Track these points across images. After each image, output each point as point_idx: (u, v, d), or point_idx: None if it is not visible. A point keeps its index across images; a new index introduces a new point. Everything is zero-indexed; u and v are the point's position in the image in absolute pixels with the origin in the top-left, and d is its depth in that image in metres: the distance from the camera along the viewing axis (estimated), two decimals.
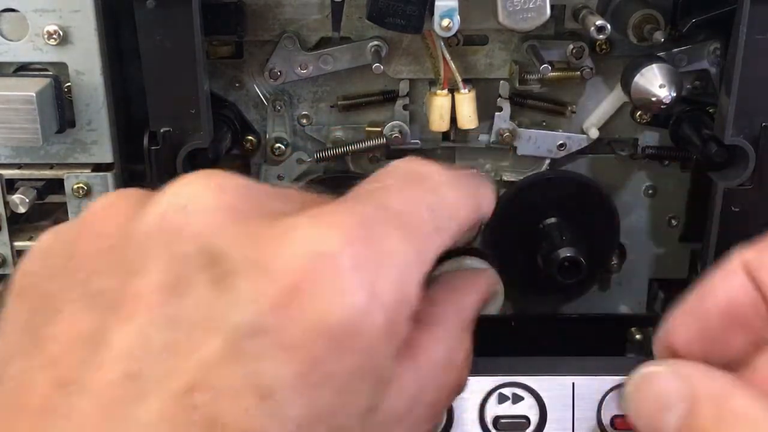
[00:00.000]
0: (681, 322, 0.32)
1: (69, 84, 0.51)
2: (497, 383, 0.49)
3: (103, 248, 0.29)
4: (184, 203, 0.29)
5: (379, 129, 0.61)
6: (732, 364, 0.31)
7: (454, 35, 0.54)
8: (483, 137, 0.62)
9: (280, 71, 0.59)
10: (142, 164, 0.53)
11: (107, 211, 0.31)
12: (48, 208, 0.56)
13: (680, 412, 0.29)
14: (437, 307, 0.34)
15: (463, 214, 0.34)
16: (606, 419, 0.47)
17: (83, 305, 0.27)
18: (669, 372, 0.31)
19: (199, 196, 0.29)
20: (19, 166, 0.54)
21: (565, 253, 0.59)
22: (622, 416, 0.47)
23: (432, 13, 0.51)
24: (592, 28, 0.53)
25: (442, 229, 0.31)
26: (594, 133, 0.62)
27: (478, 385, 0.49)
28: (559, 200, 0.63)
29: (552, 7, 0.50)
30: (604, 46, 0.59)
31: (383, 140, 0.61)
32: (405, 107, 0.61)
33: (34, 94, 0.48)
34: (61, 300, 0.28)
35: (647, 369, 0.31)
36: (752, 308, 0.31)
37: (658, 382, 0.31)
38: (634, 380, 0.31)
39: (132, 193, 0.32)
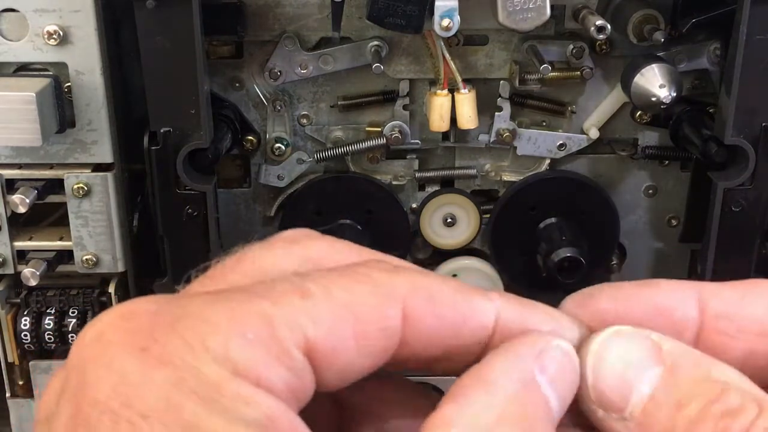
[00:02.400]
0: (606, 303, 0.29)
1: (69, 84, 0.51)
2: None
3: None
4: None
5: (379, 129, 0.61)
6: None
7: (454, 35, 0.54)
8: (483, 137, 0.62)
9: (280, 71, 0.59)
10: (142, 164, 0.53)
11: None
12: (48, 208, 0.56)
13: (654, 375, 0.27)
14: None
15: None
16: None
17: None
18: (638, 333, 0.28)
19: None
20: (19, 166, 0.54)
21: (565, 253, 0.59)
22: None
23: (432, 13, 0.51)
24: (592, 28, 0.53)
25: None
26: (594, 133, 0.62)
27: None
28: (559, 200, 0.63)
29: (552, 7, 0.50)
30: (604, 46, 0.59)
31: (383, 140, 0.61)
32: (405, 107, 0.61)
33: (34, 94, 0.48)
34: None
35: (611, 330, 0.28)
36: (680, 325, 0.29)
37: (627, 341, 0.27)
38: (595, 345, 0.28)
39: None
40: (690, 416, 0.26)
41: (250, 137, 0.61)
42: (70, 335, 0.57)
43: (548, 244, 0.60)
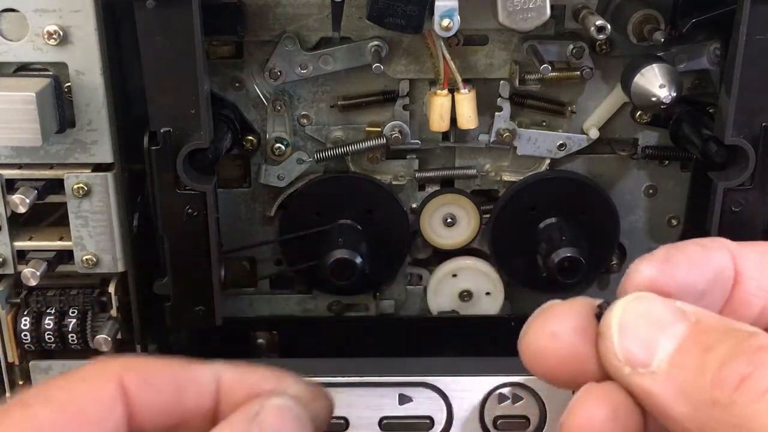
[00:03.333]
0: (687, 269, 0.30)
1: (69, 84, 0.51)
2: (497, 383, 0.49)
3: None
4: None
5: (379, 129, 0.61)
6: None
7: (454, 35, 0.54)
8: (483, 137, 0.62)
9: (280, 71, 0.59)
10: (142, 164, 0.53)
11: None
12: (48, 208, 0.56)
13: (680, 329, 0.28)
14: None
15: None
16: None
17: None
18: (660, 298, 0.29)
19: None
20: (19, 166, 0.54)
21: (565, 253, 0.59)
22: None
23: (432, 13, 0.51)
24: (592, 28, 0.53)
25: None
26: (594, 133, 0.62)
27: (478, 385, 0.49)
28: (559, 200, 0.63)
29: (552, 7, 0.50)
30: (604, 46, 0.59)
31: (383, 140, 0.61)
32: (405, 107, 0.61)
33: (34, 94, 0.48)
34: None
35: (635, 295, 0.29)
36: (727, 284, 0.31)
37: (651, 303, 0.29)
38: (619, 308, 0.29)
39: None
40: (720, 356, 0.26)
41: (250, 137, 0.61)
42: (70, 335, 0.57)
43: (548, 244, 0.61)
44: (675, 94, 0.54)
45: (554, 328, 0.30)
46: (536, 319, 0.31)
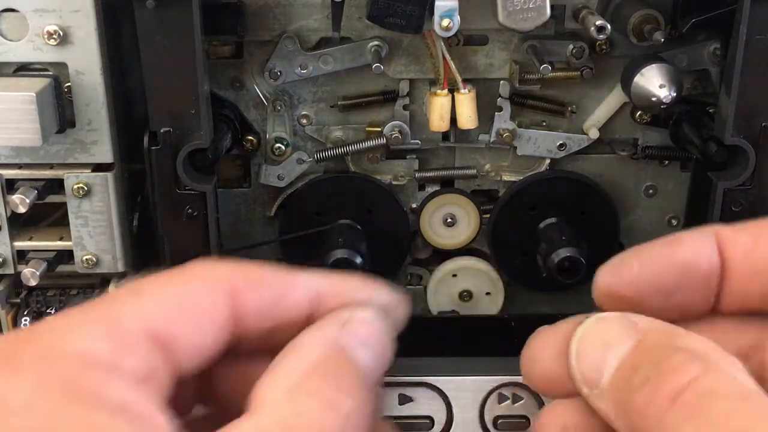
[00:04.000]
0: (638, 263, 0.32)
1: (69, 84, 0.51)
2: (497, 383, 0.49)
3: None
4: None
5: (379, 129, 0.61)
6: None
7: (454, 35, 0.54)
8: (483, 137, 0.62)
9: (280, 71, 0.59)
10: (142, 164, 0.53)
11: None
12: (48, 208, 0.56)
13: (624, 349, 0.29)
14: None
15: None
16: None
17: None
18: (618, 317, 0.31)
19: None
20: (19, 166, 0.54)
21: (565, 253, 0.59)
22: None
23: (432, 13, 0.51)
24: (592, 28, 0.53)
25: None
26: (594, 133, 0.62)
27: (478, 385, 0.49)
28: (559, 200, 0.63)
29: (552, 7, 0.50)
30: (604, 46, 0.59)
31: (383, 140, 0.61)
32: (405, 107, 0.61)
33: (34, 94, 0.48)
34: None
35: (593, 318, 0.31)
36: (707, 275, 0.32)
37: (606, 324, 0.31)
38: (579, 332, 0.31)
39: None
40: (641, 377, 0.28)
41: (250, 137, 0.61)
42: None
43: (548, 244, 0.60)
44: (675, 94, 0.54)
45: (536, 355, 0.33)
46: (526, 346, 0.34)
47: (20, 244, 0.55)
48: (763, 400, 0.26)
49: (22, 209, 0.52)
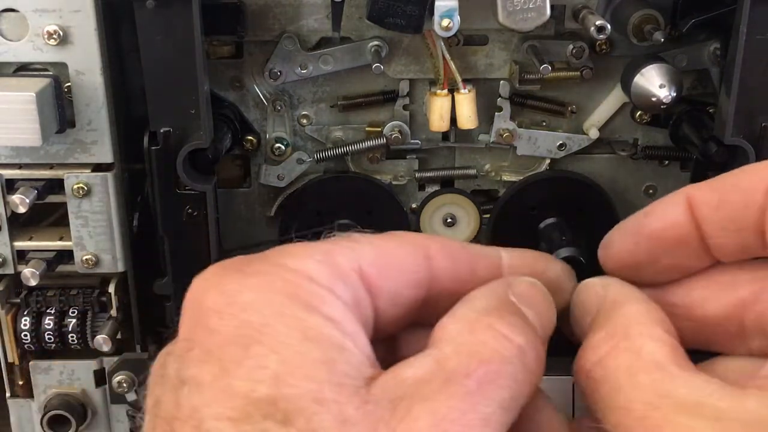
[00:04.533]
0: (619, 237, 0.36)
1: (69, 84, 0.51)
2: None
3: None
4: None
5: (379, 129, 0.61)
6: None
7: (454, 35, 0.54)
8: (483, 137, 0.62)
9: (280, 71, 0.59)
10: (142, 164, 0.53)
11: None
12: (48, 208, 0.56)
13: (593, 315, 0.34)
14: None
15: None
16: None
17: None
18: (597, 282, 0.35)
19: None
20: (19, 166, 0.54)
21: (565, 253, 0.59)
22: None
23: (432, 13, 0.51)
24: (592, 28, 0.53)
25: None
26: (594, 133, 0.62)
27: None
28: (559, 200, 0.62)
29: (552, 7, 0.50)
30: (604, 46, 0.59)
31: (383, 140, 0.61)
32: (405, 107, 0.61)
33: (34, 94, 0.48)
34: None
35: (583, 282, 0.36)
36: (684, 238, 0.34)
37: (586, 290, 0.35)
38: (575, 292, 0.36)
39: None
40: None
41: (250, 137, 0.61)
42: (70, 335, 0.57)
43: (548, 244, 0.60)
44: (675, 94, 0.54)
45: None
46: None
47: (20, 244, 0.55)
48: (653, 375, 0.29)
49: (22, 209, 0.52)
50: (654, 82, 0.54)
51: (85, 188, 0.53)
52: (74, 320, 0.57)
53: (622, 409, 0.29)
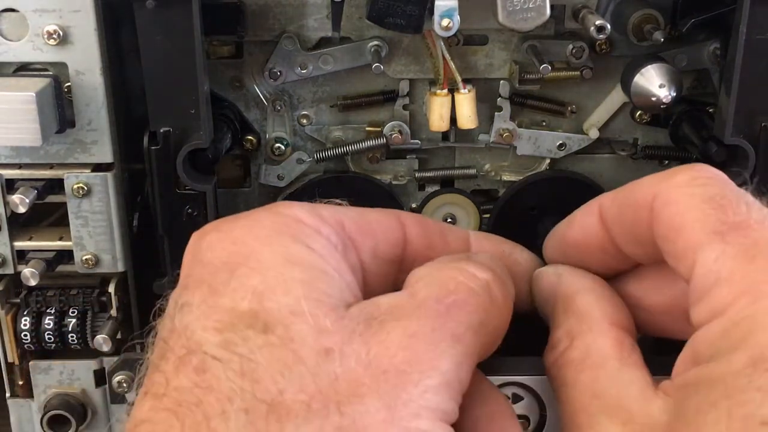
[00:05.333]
0: (550, 245, 0.40)
1: (69, 84, 0.51)
2: (497, 383, 0.49)
3: None
4: None
5: (379, 129, 0.61)
6: None
7: (454, 35, 0.54)
8: (483, 137, 0.62)
9: (280, 71, 0.59)
10: (142, 164, 0.53)
11: None
12: (48, 208, 0.56)
13: (551, 305, 0.37)
14: None
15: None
16: None
17: None
18: (551, 271, 0.39)
19: None
20: (19, 166, 0.54)
21: None
22: None
23: (432, 13, 0.51)
24: (592, 28, 0.53)
25: None
26: (594, 133, 0.62)
27: None
28: (559, 200, 0.62)
29: (552, 7, 0.50)
30: (604, 46, 0.59)
31: (383, 140, 0.61)
32: (405, 107, 0.61)
33: (34, 94, 0.48)
34: None
35: (537, 270, 0.40)
36: (602, 246, 0.36)
37: (540, 279, 0.39)
38: (533, 281, 0.40)
39: None
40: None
41: (250, 137, 0.61)
42: (70, 335, 0.57)
43: None
44: (675, 94, 0.54)
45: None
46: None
47: (20, 244, 0.55)
48: (594, 373, 0.32)
49: (22, 209, 0.52)
50: (654, 82, 0.54)
51: (85, 188, 0.53)
52: (74, 320, 0.57)
53: (567, 406, 0.33)
